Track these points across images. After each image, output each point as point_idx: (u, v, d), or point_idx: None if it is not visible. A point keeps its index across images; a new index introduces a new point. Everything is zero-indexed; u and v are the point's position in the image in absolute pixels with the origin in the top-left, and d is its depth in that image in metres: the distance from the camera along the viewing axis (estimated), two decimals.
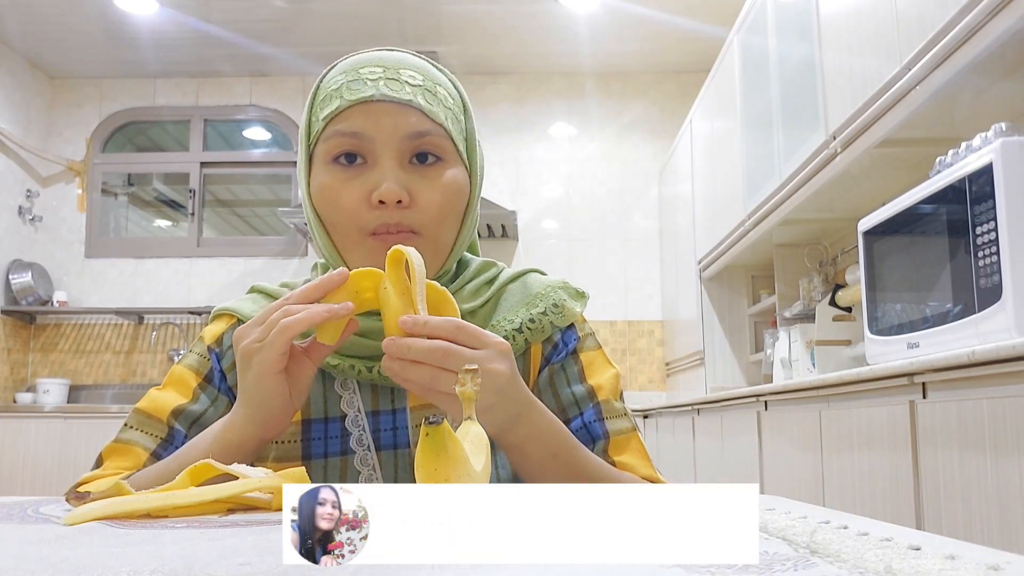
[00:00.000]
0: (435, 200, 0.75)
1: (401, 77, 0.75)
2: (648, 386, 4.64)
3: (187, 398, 0.78)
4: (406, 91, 0.74)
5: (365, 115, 0.74)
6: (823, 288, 3.07)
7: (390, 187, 0.72)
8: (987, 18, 1.60)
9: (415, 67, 0.77)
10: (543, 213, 4.77)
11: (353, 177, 0.74)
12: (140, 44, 4.49)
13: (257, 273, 4.71)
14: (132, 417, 0.78)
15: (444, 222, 0.76)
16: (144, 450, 0.76)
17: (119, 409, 3.96)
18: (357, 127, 0.73)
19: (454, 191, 0.77)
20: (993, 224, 1.52)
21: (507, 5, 4.10)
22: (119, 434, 0.78)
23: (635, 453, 0.79)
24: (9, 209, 4.51)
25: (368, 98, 0.73)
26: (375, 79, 0.74)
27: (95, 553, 0.34)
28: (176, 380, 0.80)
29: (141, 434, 0.76)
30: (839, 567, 0.28)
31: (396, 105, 0.74)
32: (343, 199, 0.74)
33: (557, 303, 0.83)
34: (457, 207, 0.78)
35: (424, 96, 0.75)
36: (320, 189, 0.76)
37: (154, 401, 0.78)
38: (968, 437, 1.39)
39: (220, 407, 0.79)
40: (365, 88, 0.74)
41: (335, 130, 0.74)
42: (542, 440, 0.67)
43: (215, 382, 0.80)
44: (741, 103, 3.22)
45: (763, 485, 2.45)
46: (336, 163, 0.75)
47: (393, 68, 0.76)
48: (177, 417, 0.77)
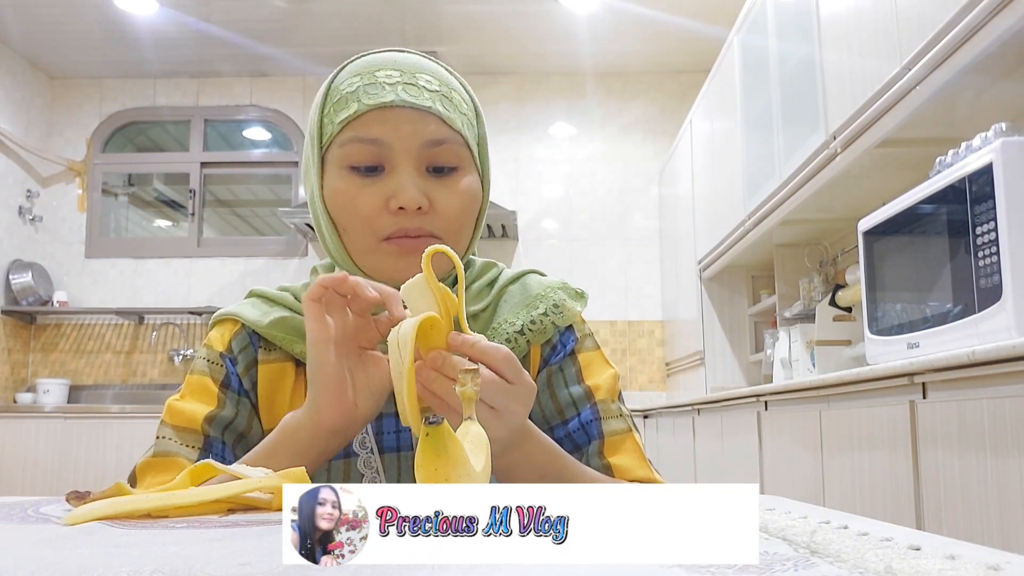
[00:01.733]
0: (453, 207, 0.74)
1: (419, 82, 0.74)
2: (648, 386, 4.64)
3: (214, 405, 0.76)
4: (425, 97, 0.73)
5: (384, 121, 0.72)
6: (823, 288, 3.07)
7: (411, 194, 0.71)
8: (987, 18, 1.60)
9: (431, 72, 0.76)
10: (543, 213, 4.77)
11: (370, 183, 0.73)
12: (140, 44, 4.49)
13: (257, 273, 4.71)
14: (165, 430, 0.75)
15: (461, 229, 0.76)
16: (188, 461, 0.73)
17: (119, 409, 3.96)
18: (376, 133, 0.72)
19: (471, 198, 0.76)
20: (993, 224, 1.52)
21: (507, 5, 4.10)
22: (155, 449, 0.74)
23: (630, 454, 0.78)
24: (9, 209, 4.51)
25: (388, 103, 0.72)
26: (393, 83, 0.73)
27: (95, 553, 0.34)
28: (197, 389, 0.77)
29: (180, 446, 0.74)
30: (839, 567, 0.28)
31: (415, 111, 0.73)
32: (360, 205, 0.73)
33: (557, 303, 0.83)
34: (473, 214, 0.78)
35: (442, 102, 0.74)
36: (335, 193, 0.74)
37: (182, 412, 0.75)
38: (968, 437, 1.39)
39: (244, 411, 0.78)
40: (384, 93, 0.73)
41: (353, 135, 0.73)
42: (529, 467, 0.67)
43: (233, 386, 0.78)
44: (741, 103, 3.22)
45: (763, 485, 2.44)
46: (353, 169, 0.74)
47: (410, 72, 0.75)
48: (211, 424, 0.75)
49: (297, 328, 0.78)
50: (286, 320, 0.78)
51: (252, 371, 0.79)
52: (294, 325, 0.78)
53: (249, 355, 0.80)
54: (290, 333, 0.78)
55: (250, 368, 0.79)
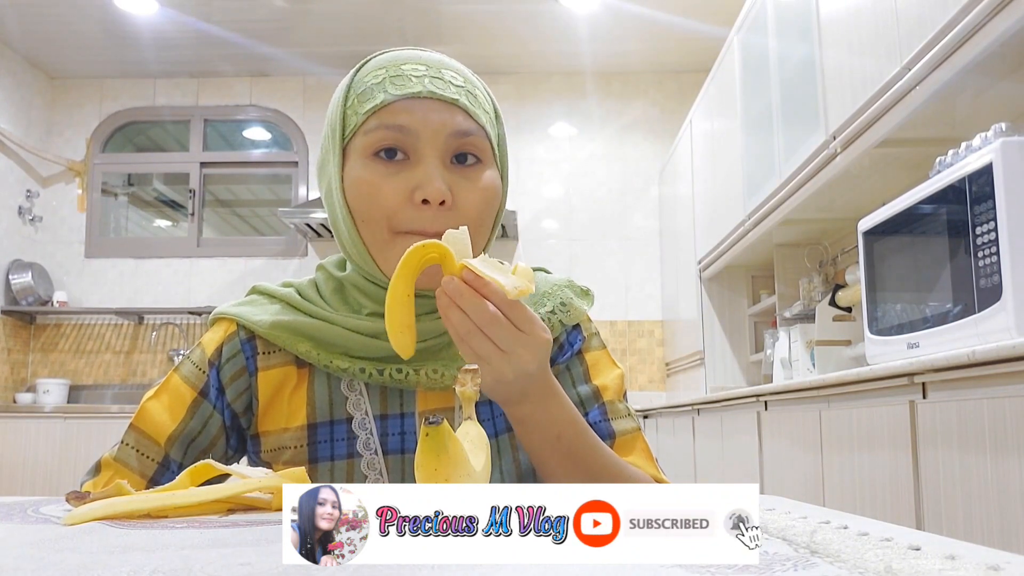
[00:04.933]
0: (475, 202, 0.74)
1: (444, 76, 0.74)
2: (648, 386, 4.64)
3: (180, 417, 0.77)
4: (452, 90, 0.74)
5: (411, 111, 0.72)
6: (823, 288, 3.07)
7: (437, 187, 0.70)
8: (987, 18, 1.60)
9: (455, 68, 0.77)
10: (543, 213, 4.77)
11: (394, 173, 0.72)
12: (140, 44, 4.49)
13: (257, 273, 4.71)
14: (129, 435, 0.77)
15: (481, 225, 0.75)
16: (141, 476, 0.76)
17: (119, 409, 3.96)
18: (403, 121, 0.72)
19: (492, 193, 0.76)
20: (993, 224, 1.52)
21: (507, 5, 4.10)
22: (118, 452, 0.77)
23: (641, 453, 0.79)
24: (9, 209, 4.50)
25: (416, 94, 0.72)
26: (420, 76, 0.73)
27: (95, 553, 0.34)
28: (172, 392, 0.78)
29: (138, 456, 0.76)
30: (839, 567, 0.28)
31: (442, 103, 0.73)
32: (383, 195, 0.72)
33: (564, 302, 0.83)
34: (493, 210, 0.77)
35: (467, 97, 0.75)
36: (357, 183, 0.73)
37: (151, 421, 0.77)
38: (968, 437, 1.39)
39: (213, 428, 0.78)
40: (411, 84, 0.73)
41: (379, 123, 0.72)
42: (547, 421, 0.68)
43: (211, 398, 0.78)
44: (741, 103, 3.22)
45: (763, 485, 2.44)
46: (376, 157, 0.73)
47: (435, 67, 0.75)
48: (172, 444, 0.77)
49: (300, 328, 0.77)
50: (288, 321, 0.77)
51: (240, 380, 0.79)
52: (297, 326, 0.77)
53: (238, 363, 0.79)
54: (293, 334, 0.77)
55: (238, 377, 0.79)
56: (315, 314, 0.77)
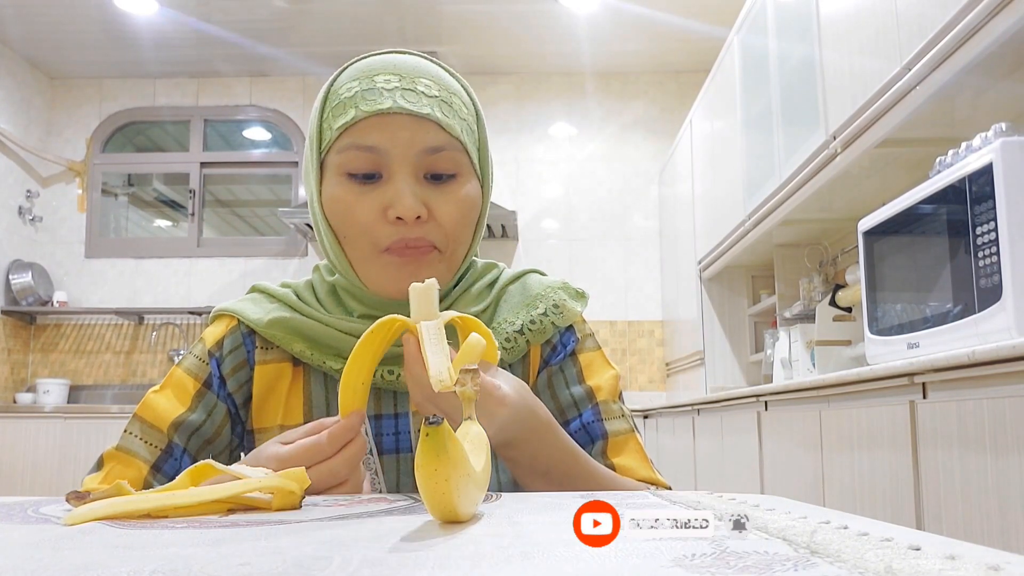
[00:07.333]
0: (452, 215, 0.74)
1: (417, 87, 0.73)
2: (648, 386, 4.64)
3: (185, 406, 0.78)
4: (423, 103, 0.73)
5: (381, 128, 0.72)
6: (823, 288, 3.07)
7: (409, 203, 0.71)
8: (987, 18, 1.60)
9: (431, 75, 0.75)
10: (543, 213, 4.77)
11: (368, 191, 0.73)
12: (140, 44, 4.49)
13: (257, 273, 4.71)
14: (133, 424, 0.78)
15: (460, 237, 0.76)
16: (144, 463, 0.76)
17: (119, 409, 3.96)
18: (373, 140, 0.72)
19: (469, 205, 0.76)
20: (993, 224, 1.52)
21: (507, 5, 4.10)
22: (121, 441, 0.78)
23: (633, 454, 0.78)
24: (9, 209, 4.51)
25: (385, 110, 0.71)
26: (391, 89, 0.72)
27: (95, 553, 0.34)
28: (175, 384, 0.79)
29: (142, 444, 0.76)
30: (839, 567, 0.28)
31: (413, 118, 0.72)
32: (357, 213, 0.73)
33: (557, 303, 0.83)
34: (472, 221, 0.77)
35: (441, 108, 0.74)
36: (333, 201, 0.74)
37: (154, 409, 0.78)
38: (968, 437, 1.39)
39: (217, 417, 0.79)
40: (382, 99, 0.72)
41: (350, 142, 0.72)
42: (531, 460, 0.67)
43: (214, 388, 0.80)
44: (741, 103, 3.22)
45: (763, 485, 2.45)
46: (351, 177, 0.73)
47: (409, 77, 0.74)
48: (177, 429, 0.77)
49: (296, 328, 0.78)
50: (285, 320, 0.79)
51: (241, 372, 0.80)
52: (293, 325, 0.78)
53: (240, 356, 0.80)
54: (289, 332, 0.78)
55: (239, 369, 0.80)
56: (310, 315, 0.78)
